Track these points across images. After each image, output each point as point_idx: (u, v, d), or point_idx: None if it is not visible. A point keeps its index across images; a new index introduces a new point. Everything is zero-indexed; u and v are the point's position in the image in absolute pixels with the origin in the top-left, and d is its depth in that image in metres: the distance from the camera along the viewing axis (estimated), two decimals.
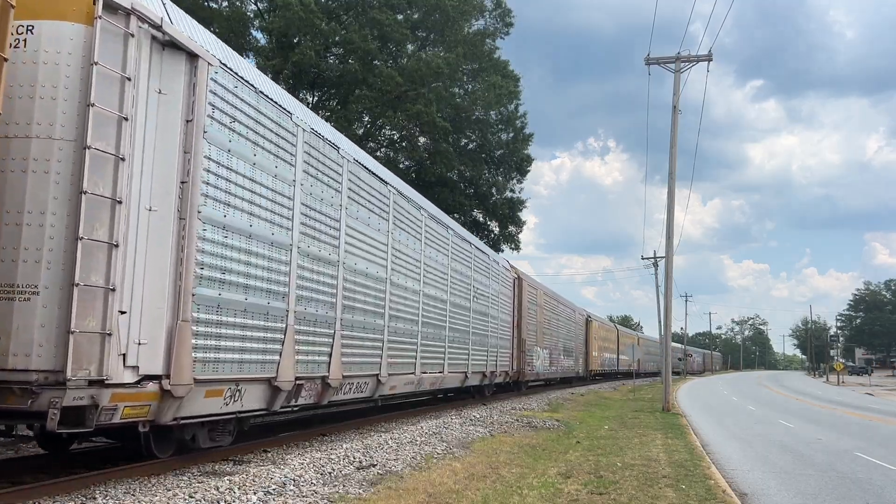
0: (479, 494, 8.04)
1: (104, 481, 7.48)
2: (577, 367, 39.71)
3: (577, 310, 42.20)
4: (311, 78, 31.08)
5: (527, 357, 26.78)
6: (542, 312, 30.34)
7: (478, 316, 20.33)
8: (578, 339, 40.99)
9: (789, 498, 9.62)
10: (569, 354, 37.07)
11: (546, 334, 31.14)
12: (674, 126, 24.78)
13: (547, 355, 31.12)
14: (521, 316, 26.20)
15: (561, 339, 34.68)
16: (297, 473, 8.28)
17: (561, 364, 34.60)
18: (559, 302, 35.88)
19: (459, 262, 18.73)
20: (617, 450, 12.82)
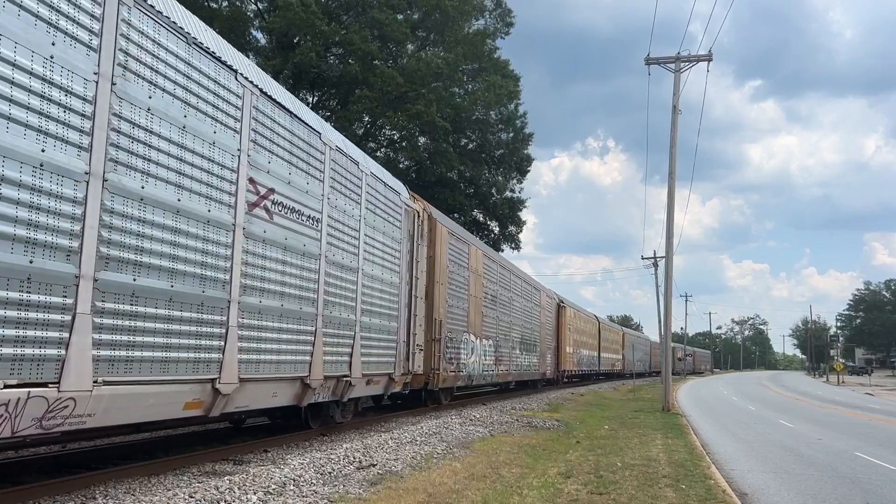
0: (479, 494, 8.04)
1: (104, 481, 7.48)
2: (542, 367, 30.59)
3: (543, 290, 32.46)
4: (312, 78, 31.09)
5: (447, 350, 17.42)
6: (480, 283, 20.92)
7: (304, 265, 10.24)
8: (546, 331, 31.61)
9: (789, 498, 9.62)
10: (529, 349, 27.89)
11: (490, 318, 21.99)
12: (674, 126, 24.78)
13: (490, 350, 21.84)
14: (435, 282, 16.57)
15: (517, 327, 25.82)
16: (297, 473, 8.28)
17: (516, 362, 25.51)
18: (515, 274, 26.38)
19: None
20: (617, 450, 12.82)
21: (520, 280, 27.54)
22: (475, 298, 20.37)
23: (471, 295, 19.88)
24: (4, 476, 7.44)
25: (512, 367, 24.96)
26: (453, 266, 18.28)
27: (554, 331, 34.33)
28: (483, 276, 21.33)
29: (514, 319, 25.49)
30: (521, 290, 27.54)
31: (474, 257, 20.64)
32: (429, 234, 16.30)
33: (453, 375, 18.18)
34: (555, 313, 34.84)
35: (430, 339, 16.21)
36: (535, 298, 29.94)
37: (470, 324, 19.67)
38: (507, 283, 24.86)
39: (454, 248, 18.54)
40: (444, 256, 17.37)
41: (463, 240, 19.75)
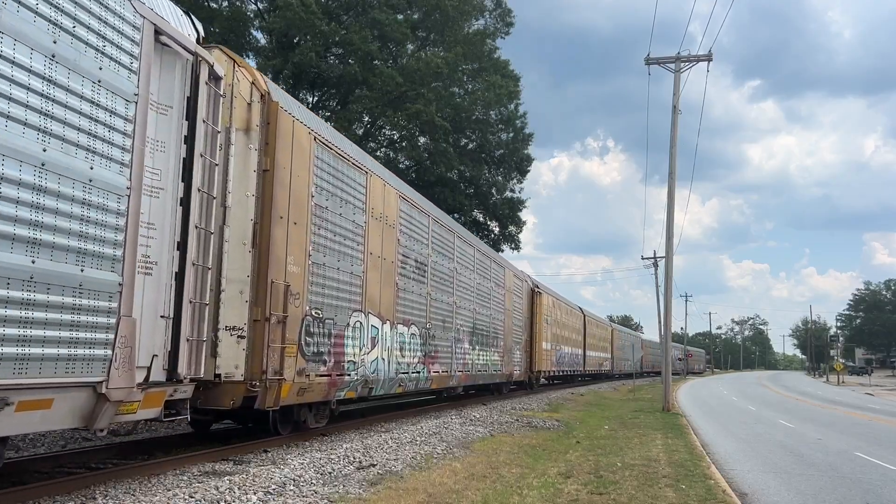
0: (479, 494, 8.04)
1: (104, 481, 7.48)
2: (507, 367, 24.03)
3: (509, 268, 25.43)
4: (312, 78, 31.08)
5: (309, 340, 10.61)
6: (392, 239, 13.96)
7: None
8: (513, 320, 25.06)
9: (789, 498, 9.62)
10: (486, 343, 21.25)
11: (413, 295, 15.01)
12: (674, 126, 24.78)
13: (414, 342, 15.06)
14: (277, 217, 9.91)
15: (465, 311, 19.01)
16: (297, 473, 8.28)
17: (463, 361, 18.76)
18: (462, 238, 19.43)
19: None
20: (617, 450, 12.82)
21: (471, 248, 20.00)
22: (381, 262, 13.08)
23: (370, 254, 12.54)
24: (4, 476, 7.44)
25: (456, 366, 18.01)
26: (330, 200, 11.16)
27: (526, 322, 27.66)
28: (400, 230, 14.14)
29: (460, 301, 18.49)
30: (474, 261, 20.15)
31: (378, 195, 13.02)
32: (265, 129, 9.65)
33: (326, 381, 10.91)
34: (527, 300, 28.27)
35: (260, 319, 9.21)
36: (496, 276, 22.85)
37: (369, 300, 12.48)
38: (447, 247, 17.55)
39: (331, 170, 11.23)
40: (303, 177, 10.31)
41: (353, 162, 12.09)
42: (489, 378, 22.17)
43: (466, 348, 19.18)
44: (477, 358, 20.26)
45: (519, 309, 26.61)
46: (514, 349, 25.28)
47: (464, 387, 21.34)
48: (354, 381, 12.08)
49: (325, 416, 12.28)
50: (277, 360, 9.46)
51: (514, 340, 25.31)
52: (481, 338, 20.81)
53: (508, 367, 24.35)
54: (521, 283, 27.77)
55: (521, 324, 26.79)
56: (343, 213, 11.74)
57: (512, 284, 25.39)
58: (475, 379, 20.52)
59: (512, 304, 25.17)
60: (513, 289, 25.54)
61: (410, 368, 14.84)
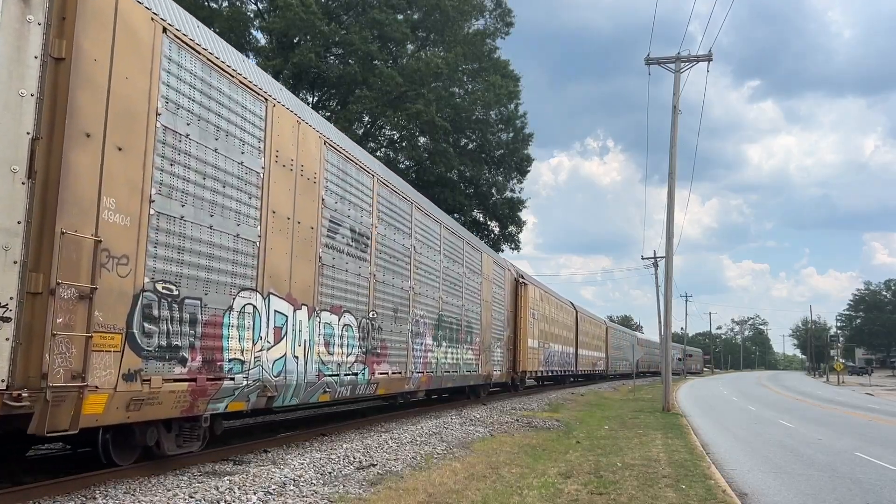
0: (479, 494, 8.04)
1: (104, 481, 7.48)
2: (485, 367, 21.01)
3: (487, 253, 22.36)
4: (312, 78, 31.10)
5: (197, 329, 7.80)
6: (311, 194, 10.59)
7: None
8: (493, 314, 22.13)
9: (789, 498, 9.62)
10: (457, 339, 18.19)
11: (344, 273, 11.68)
12: (674, 126, 24.78)
13: (348, 334, 11.85)
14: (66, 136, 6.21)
15: (426, 300, 15.91)
16: (297, 473, 8.28)
17: (426, 359, 15.81)
18: (422, 209, 16.01)
19: None
20: (617, 450, 12.82)
21: (436, 224, 16.75)
22: (294, 226, 9.85)
23: (273, 213, 9.32)
24: (4, 476, 7.44)
25: (415, 366, 14.91)
26: (194, 127, 7.88)
27: (508, 316, 24.71)
28: (326, 187, 10.86)
29: (421, 287, 15.39)
30: (441, 240, 16.97)
31: (287, 134, 9.75)
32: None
33: (187, 389, 7.66)
34: (510, 291, 25.17)
35: (43, 291, 6.01)
36: (471, 261, 19.53)
37: (270, 275, 9.22)
38: (401, 218, 14.31)
39: (197, 83, 7.93)
40: (138, 82, 7.03)
41: (241, 80, 8.72)
42: (462, 380, 18.86)
43: (429, 344, 15.88)
44: (444, 356, 16.94)
45: (500, 301, 23.44)
46: (493, 347, 22.10)
47: (431, 391, 18.66)
48: (243, 388, 8.55)
49: (196, 437, 8.66)
50: (75, 357, 6.14)
51: (493, 337, 22.15)
52: (450, 332, 17.54)
53: (486, 366, 21.19)
54: (503, 271, 24.31)
55: (502, 318, 23.69)
56: (222, 151, 8.24)
57: (491, 272, 22.17)
58: (443, 381, 17.18)
59: (491, 295, 22.01)
60: (492, 277, 22.26)
61: (343, 369, 11.29)
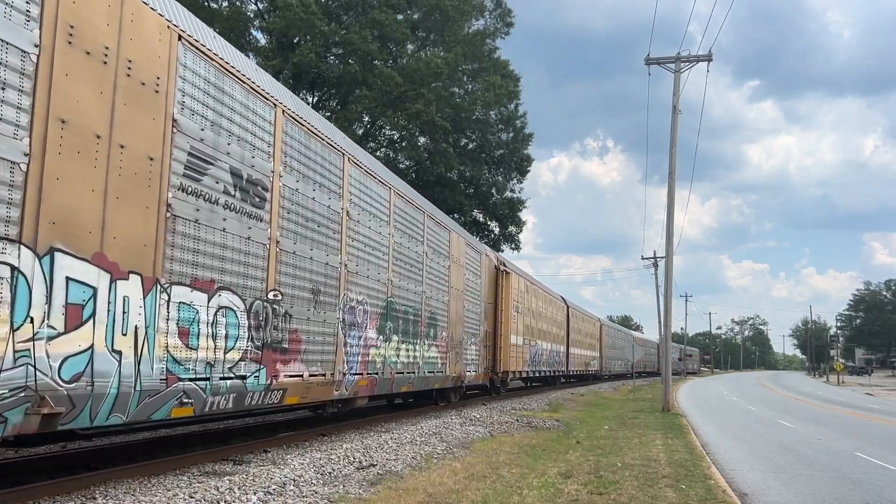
0: (479, 494, 8.04)
1: (104, 481, 7.48)
2: (455, 367, 17.93)
3: (458, 233, 18.96)
4: (312, 78, 31.11)
5: None
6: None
7: None
8: (465, 305, 18.94)
9: (789, 498, 9.62)
10: (415, 334, 15.15)
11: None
12: (674, 126, 24.78)
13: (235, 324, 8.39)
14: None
15: (376, 283, 12.97)
16: (297, 473, 8.28)
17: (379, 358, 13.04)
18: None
19: None
20: (617, 450, 12.82)
21: (384, 188, 13.32)
22: (112, 149, 6.53)
23: (63, 123, 6.00)
24: (4, 476, 7.44)
25: (350, 365, 11.57)
26: None
27: (486, 309, 21.53)
28: (177, 99, 7.51)
29: (359, 264, 12.10)
30: (390, 208, 13.59)
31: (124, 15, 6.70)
32: None
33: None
34: (488, 279, 22.00)
35: None
36: (434, 239, 16.34)
37: (55, 216, 5.90)
38: (321, 169, 10.79)
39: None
40: None
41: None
42: (422, 382, 15.59)
43: (373, 338, 12.53)
44: (396, 354, 13.79)
45: (475, 291, 20.20)
46: (466, 343, 19.04)
47: (379, 396, 15.14)
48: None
49: None
50: None
51: (467, 332, 19.10)
52: (405, 324, 14.36)
53: (457, 366, 18.09)
54: (480, 256, 20.94)
55: (478, 311, 20.44)
56: None
57: (463, 256, 18.77)
58: (394, 384, 13.75)
59: (463, 283, 18.72)
60: (464, 262, 18.94)
61: (219, 370, 8.08)
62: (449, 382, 17.91)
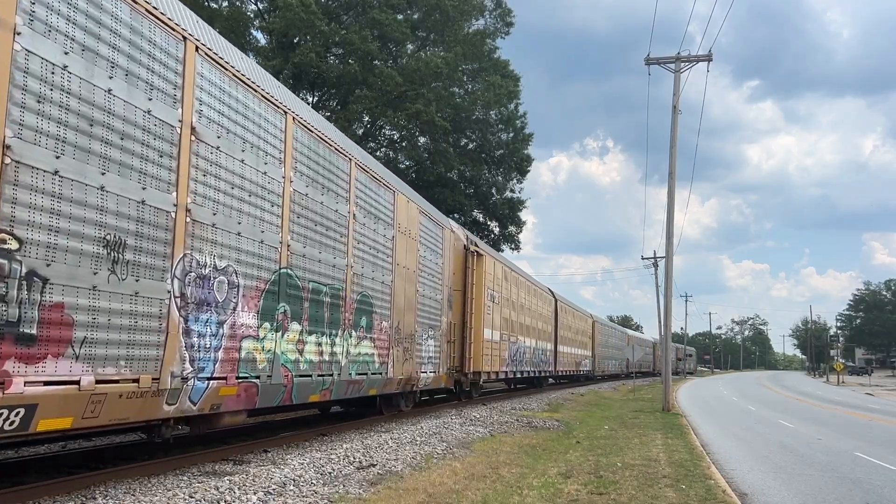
0: (479, 494, 8.04)
1: (104, 481, 7.48)
2: (409, 368, 14.64)
3: (403, 195, 14.64)
4: (312, 78, 31.11)
5: None
6: None
7: None
8: (421, 290, 15.43)
9: (789, 498, 9.62)
10: (338, 325, 11.22)
11: None
12: (674, 126, 24.78)
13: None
14: None
15: (272, 251, 9.29)
16: (297, 473, 8.28)
17: (265, 356, 9.06)
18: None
19: None
20: (617, 450, 12.82)
21: (274, 110, 9.47)
22: None
23: None
24: (4, 476, 7.44)
25: (199, 364, 7.78)
26: None
27: (451, 296, 17.90)
28: None
29: (212, 212, 8.04)
30: (280, 141, 9.64)
31: None
32: None
33: None
34: (453, 261, 18.20)
35: None
36: (368, 199, 12.60)
37: None
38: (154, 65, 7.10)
39: None
40: None
41: None
42: (347, 388, 11.71)
43: (249, 326, 8.80)
44: (298, 349, 10.00)
45: (435, 272, 16.43)
46: (421, 338, 15.35)
47: (271, 409, 11.49)
48: None
49: None
50: None
51: (422, 323, 15.41)
52: (317, 308, 10.56)
53: (405, 366, 14.25)
54: (441, 230, 17.08)
55: (438, 297, 16.69)
56: None
57: (415, 226, 15.00)
58: (297, 392, 10.03)
59: (416, 261, 14.99)
60: (417, 234, 15.11)
61: None
62: (393, 387, 13.89)
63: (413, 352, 14.91)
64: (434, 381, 16.65)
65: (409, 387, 15.19)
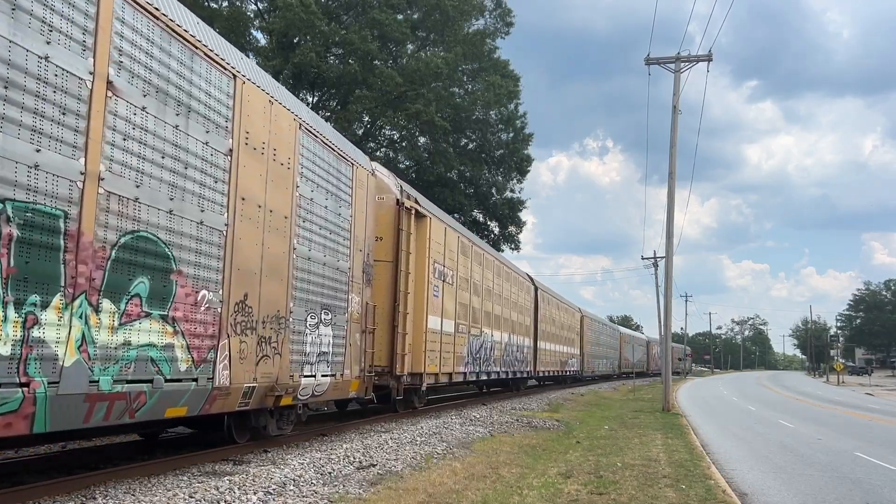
0: (479, 494, 8.04)
1: (104, 481, 7.48)
2: (279, 370, 9.64)
3: (251, 82, 9.05)
4: (312, 78, 31.09)
5: None
6: None
7: None
8: (316, 249, 10.80)
9: (789, 498, 9.62)
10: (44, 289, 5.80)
11: None
12: (674, 126, 24.78)
13: None
14: None
15: None
16: (297, 473, 8.28)
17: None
18: None
19: None
20: (617, 450, 12.82)
21: None
22: None
23: None
24: (4, 476, 7.44)
25: None
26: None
27: (373, 267, 13.49)
28: None
29: None
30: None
31: None
32: None
33: None
34: (373, 213, 13.42)
35: None
36: (173, 74, 7.60)
37: None
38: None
39: None
40: None
41: None
42: (98, 409, 6.54)
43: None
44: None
45: (334, 227, 11.54)
46: (304, 324, 10.50)
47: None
48: None
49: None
50: None
51: (305, 299, 10.57)
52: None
53: (262, 367, 9.34)
54: (348, 168, 12.07)
55: (342, 265, 11.77)
56: None
57: (287, 148, 10.08)
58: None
59: (289, 202, 10.13)
60: (292, 162, 10.25)
61: None
62: (231, 402, 8.84)
63: (283, 344, 9.79)
64: (333, 389, 11.49)
65: (274, 401, 9.67)
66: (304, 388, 10.59)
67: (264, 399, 9.59)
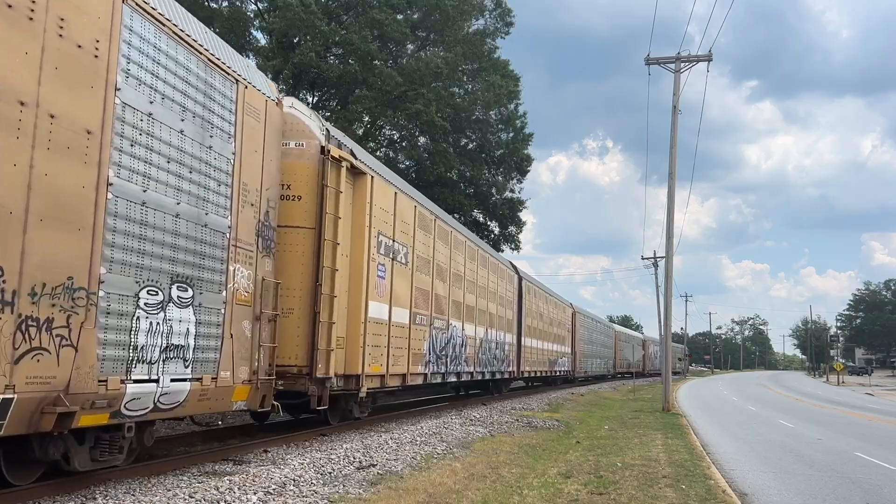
0: (479, 494, 8.04)
1: (104, 481, 7.48)
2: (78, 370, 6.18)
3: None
4: (312, 78, 31.10)
5: None
6: None
7: None
8: (171, 189, 7.54)
9: (789, 498, 9.62)
10: None
11: None
12: (674, 126, 24.79)
13: None
14: None
15: None
16: (297, 473, 8.28)
17: None
18: None
19: None
20: (617, 450, 12.82)
21: None
22: None
23: None
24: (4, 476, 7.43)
25: None
26: None
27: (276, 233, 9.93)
28: None
29: None
30: None
31: None
32: None
33: None
34: (276, 157, 9.86)
35: None
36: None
37: None
38: None
39: None
40: None
41: None
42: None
43: None
44: None
45: (205, 166, 8.19)
46: (132, 301, 6.96)
47: None
48: None
49: None
50: None
51: (136, 265, 7.02)
52: None
53: (22, 368, 5.70)
54: (229, 87, 8.68)
55: (221, 222, 8.48)
56: None
57: (107, 37, 6.67)
58: None
59: (111, 115, 6.70)
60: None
61: None
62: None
63: (83, 330, 6.37)
64: (199, 398, 8.11)
65: (57, 421, 6.13)
66: (136, 398, 7.03)
67: (36, 418, 5.97)
